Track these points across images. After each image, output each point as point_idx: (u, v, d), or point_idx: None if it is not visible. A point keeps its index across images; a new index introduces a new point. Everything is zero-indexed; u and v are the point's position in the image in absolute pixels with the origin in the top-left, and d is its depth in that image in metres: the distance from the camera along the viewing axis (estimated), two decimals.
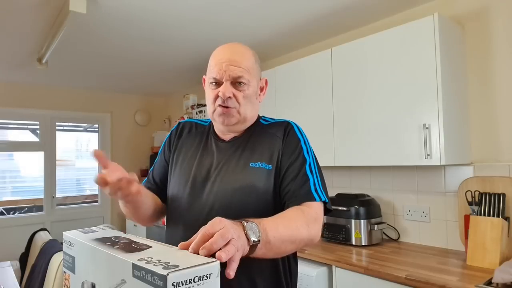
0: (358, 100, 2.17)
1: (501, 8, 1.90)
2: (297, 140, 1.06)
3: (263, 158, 1.03)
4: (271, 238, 0.77)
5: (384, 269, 1.70)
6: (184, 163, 1.11)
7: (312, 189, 0.99)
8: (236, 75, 1.01)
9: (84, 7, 1.99)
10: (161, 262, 0.54)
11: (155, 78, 4.01)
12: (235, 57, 1.03)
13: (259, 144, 1.06)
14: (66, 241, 0.76)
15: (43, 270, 2.24)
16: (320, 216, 0.97)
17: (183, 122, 1.23)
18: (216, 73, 1.03)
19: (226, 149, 1.08)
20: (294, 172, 1.01)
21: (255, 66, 1.07)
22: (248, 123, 1.10)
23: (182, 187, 1.07)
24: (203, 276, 0.53)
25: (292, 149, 1.04)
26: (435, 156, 1.81)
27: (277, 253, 0.84)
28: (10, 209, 4.11)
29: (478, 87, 1.99)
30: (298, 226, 0.87)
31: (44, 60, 2.88)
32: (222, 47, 1.08)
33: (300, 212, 0.93)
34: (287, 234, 0.83)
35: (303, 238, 0.88)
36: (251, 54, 1.08)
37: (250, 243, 0.72)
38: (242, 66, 1.02)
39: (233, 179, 1.01)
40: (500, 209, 1.75)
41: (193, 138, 1.16)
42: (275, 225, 0.81)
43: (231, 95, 1.02)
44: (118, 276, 0.58)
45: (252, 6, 2.20)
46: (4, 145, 4.06)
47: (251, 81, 1.04)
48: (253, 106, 1.08)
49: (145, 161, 4.90)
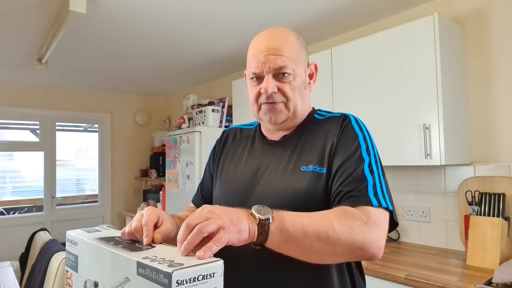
0: (358, 100, 2.18)
1: (501, 8, 1.91)
2: (354, 136, 0.89)
3: (316, 160, 0.88)
4: (289, 226, 0.68)
5: (384, 269, 1.70)
6: (230, 170, 1.01)
7: (370, 191, 0.80)
8: (278, 65, 0.88)
9: (84, 7, 1.99)
10: (165, 260, 0.55)
11: (155, 78, 4.01)
12: (275, 44, 0.89)
13: (312, 144, 0.91)
14: (69, 240, 0.76)
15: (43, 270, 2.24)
16: (378, 221, 0.77)
17: (227, 130, 1.13)
18: (255, 66, 0.90)
19: (275, 150, 0.96)
20: (347, 172, 0.83)
21: (301, 51, 0.93)
22: (299, 118, 0.96)
23: (228, 196, 0.97)
24: (207, 275, 0.53)
25: (347, 147, 0.87)
26: (435, 156, 1.82)
27: (302, 250, 0.71)
28: (10, 209, 4.11)
29: (478, 87, 1.99)
30: (333, 222, 0.72)
31: (44, 60, 2.88)
32: (260, 34, 0.95)
33: (342, 210, 0.77)
34: (314, 227, 0.70)
35: (340, 239, 0.71)
36: (294, 37, 0.93)
37: (257, 220, 0.66)
38: (284, 54, 0.88)
39: (281, 185, 0.88)
40: (500, 209, 1.75)
41: (237, 145, 1.06)
42: (298, 215, 0.72)
43: (276, 89, 0.89)
44: (122, 274, 0.58)
45: (251, 6, 2.20)
46: (4, 145, 4.06)
47: (297, 69, 0.90)
48: (303, 98, 0.94)
49: (145, 161, 4.90)
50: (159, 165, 4.52)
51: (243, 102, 3.09)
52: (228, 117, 3.44)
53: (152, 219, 0.74)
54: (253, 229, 0.66)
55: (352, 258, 0.77)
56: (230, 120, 3.42)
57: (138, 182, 4.89)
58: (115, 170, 4.71)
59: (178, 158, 3.42)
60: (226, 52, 3.09)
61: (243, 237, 0.64)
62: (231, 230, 0.62)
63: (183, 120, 3.55)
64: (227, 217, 0.63)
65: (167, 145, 3.65)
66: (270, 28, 0.96)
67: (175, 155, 3.48)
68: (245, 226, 0.65)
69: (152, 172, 4.55)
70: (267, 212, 0.68)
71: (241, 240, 0.64)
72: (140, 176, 4.80)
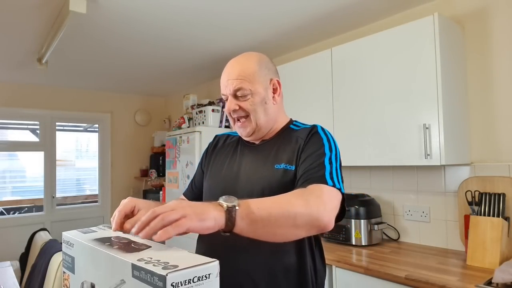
0: (358, 100, 2.17)
1: (501, 8, 1.90)
2: (318, 139, 1.05)
3: (286, 159, 1.04)
4: (254, 209, 0.76)
5: (384, 269, 1.70)
6: (216, 168, 1.18)
7: (326, 175, 0.95)
8: (234, 88, 1.05)
9: (84, 7, 1.99)
10: (160, 262, 0.54)
11: (155, 78, 4.01)
12: (233, 70, 1.07)
13: (284, 147, 1.08)
14: (66, 241, 0.76)
15: (43, 270, 2.24)
16: (328, 196, 0.90)
17: (219, 135, 1.31)
18: (222, 90, 1.09)
19: (255, 152, 1.13)
20: (309, 161, 0.99)
21: (260, 73, 1.08)
22: (264, 129, 1.11)
23: (214, 189, 1.13)
24: (202, 276, 0.53)
25: (312, 147, 1.03)
26: (435, 156, 1.81)
27: (272, 231, 0.80)
28: (10, 209, 4.11)
29: (478, 87, 1.98)
30: (289, 198, 0.84)
31: (44, 60, 2.88)
32: (227, 63, 1.12)
33: (300, 190, 0.91)
34: (277, 207, 0.80)
35: (299, 212, 0.81)
36: (254, 60, 1.09)
37: (224, 208, 0.73)
38: (240, 78, 1.05)
39: (258, 179, 1.04)
40: (500, 209, 1.75)
41: (225, 148, 1.23)
42: (262, 200, 0.81)
43: (237, 107, 1.07)
44: (117, 276, 0.58)
45: (251, 6, 2.20)
46: (4, 145, 4.06)
47: (253, 88, 1.06)
48: (266, 111, 1.09)
49: (145, 161, 4.90)
50: (159, 165, 4.52)
51: None
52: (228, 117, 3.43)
53: (124, 209, 0.85)
54: (220, 217, 0.72)
55: (311, 229, 0.86)
56: None
57: (138, 182, 4.89)
58: (115, 170, 4.71)
59: (178, 158, 3.41)
60: (226, 52, 3.09)
61: (206, 225, 0.70)
62: (193, 219, 0.68)
63: (183, 120, 3.55)
64: (191, 209, 0.70)
65: (167, 145, 3.65)
66: (239, 55, 1.13)
67: (175, 155, 3.48)
68: (209, 215, 0.71)
69: (152, 172, 4.55)
70: (233, 200, 0.75)
71: (205, 227, 0.70)
72: (140, 176, 4.80)
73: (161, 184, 4.47)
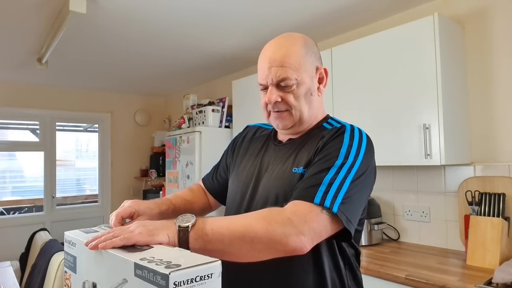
0: (358, 100, 2.17)
1: (501, 8, 1.90)
2: (340, 140, 0.89)
3: (304, 162, 0.92)
4: (208, 230, 0.72)
5: (384, 269, 1.70)
6: (240, 166, 1.09)
7: (320, 190, 0.80)
8: (279, 77, 0.91)
9: (84, 7, 1.99)
10: (163, 261, 0.54)
11: (155, 78, 4.01)
12: (277, 55, 0.92)
13: (306, 148, 0.95)
14: (68, 241, 0.76)
15: (43, 270, 2.24)
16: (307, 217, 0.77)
17: (250, 126, 1.21)
18: (260, 78, 0.96)
19: (280, 151, 1.01)
20: (313, 169, 0.86)
21: (307, 59, 0.95)
22: (307, 123, 1.00)
23: (237, 187, 1.04)
24: (205, 275, 0.53)
25: (328, 149, 0.89)
26: (435, 156, 1.81)
27: (228, 253, 0.74)
28: (10, 209, 4.11)
29: (478, 87, 1.99)
30: (251, 220, 0.76)
31: (44, 60, 2.88)
32: (267, 44, 0.98)
33: (268, 209, 0.81)
34: (232, 228, 0.73)
35: (258, 235, 0.73)
36: (300, 45, 0.95)
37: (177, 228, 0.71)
38: (286, 65, 0.91)
39: (276, 185, 0.93)
40: (500, 209, 1.75)
41: (255, 141, 1.12)
42: (220, 219, 0.76)
43: (279, 99, 0.93)
44: (119, 275, 0.58)
45: (251, 6, 2.20)
46: (4, 145, 4.06)
47: (300, 78, 0.93)
48: (310, 104, 0.97)
49: (145, 161, 4.90)
50: (159, 165, 4.52)
51: (243, 102, 3.09)
52: (228, 117, 3.43)
53: (122, 213, 0.84)
54: (173, 236, 0.70)
55: (276, 253, 0.76)
56: (230, 120, 3.42)
57: (138, 182, 4.89)
58: (115, 170, 4.71)
59: (178, 158, 3.41)
60: (226, 52, 3.09)
61: (158, 240, 0.68)
62: (143, 235, 0.67)
63: (183, 120, 3.55)
64: (144, 228, 0.69)
65: (167, 145, 3.65)
66: (278, 36, 0.99)
67: (175, 155, 3.48)
68: (162, 231, 0.69)
69: (152, 172, 4.55)
70: (189, 220, 0.73)
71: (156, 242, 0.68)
72: (140, 176, 4.80)
73: (161, 184, 4.47)
